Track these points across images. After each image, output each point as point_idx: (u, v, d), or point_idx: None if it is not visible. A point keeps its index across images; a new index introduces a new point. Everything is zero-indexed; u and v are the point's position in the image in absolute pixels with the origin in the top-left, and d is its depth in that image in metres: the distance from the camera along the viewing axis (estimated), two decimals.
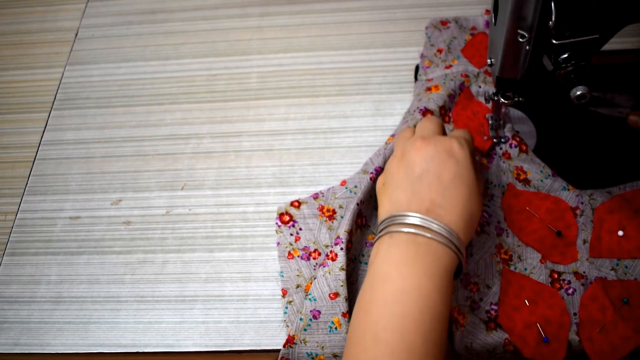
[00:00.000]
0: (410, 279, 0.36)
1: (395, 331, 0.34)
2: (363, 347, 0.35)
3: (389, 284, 0.36)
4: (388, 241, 0.38)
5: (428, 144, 0.41)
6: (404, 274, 0.36)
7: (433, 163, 0.40)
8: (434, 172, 0.40)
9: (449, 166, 0.40)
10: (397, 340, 0.34)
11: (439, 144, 0.41)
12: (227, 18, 0.66)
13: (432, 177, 0.40)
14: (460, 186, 0.40)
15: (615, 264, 0.45)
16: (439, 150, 0.41)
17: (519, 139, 0.52)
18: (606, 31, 0.40)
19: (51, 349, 0.47)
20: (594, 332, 0.42)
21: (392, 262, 0.37)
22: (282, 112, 0.58)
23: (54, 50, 0.66)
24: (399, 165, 0.42)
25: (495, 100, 0.48)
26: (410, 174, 0.41)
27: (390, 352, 0.34)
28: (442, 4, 0.64)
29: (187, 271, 0.50)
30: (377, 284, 0.37)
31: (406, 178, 0.41)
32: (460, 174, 0.40)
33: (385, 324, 0.35)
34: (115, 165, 0.56)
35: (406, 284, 0.36)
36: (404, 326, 0.34)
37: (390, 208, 0.40)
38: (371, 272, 0.38)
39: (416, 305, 0.35)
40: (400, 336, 0.34)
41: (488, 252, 0.47)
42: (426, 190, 0.39)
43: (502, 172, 0.51)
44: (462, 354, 0.43)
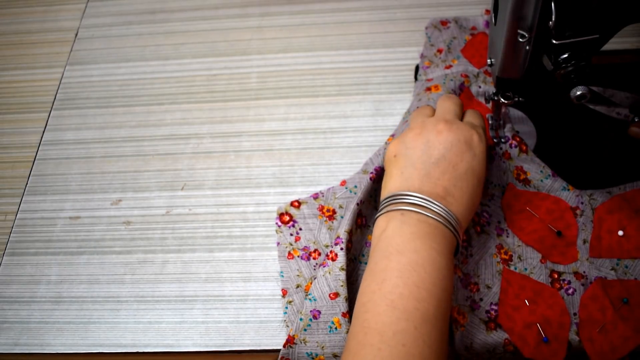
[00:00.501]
0: (425, 252, 0.38)
1: (412, 299, 0.36)
2: (378, 313, 0.36)
3: (403, 256, 0.38)
4: (400, 218, 0.40)
5: (450, 129, 0.42)
6: (418, 248, 0.38)
7: (451, 151, 0.41)
8: (450, 160, 0.41)
9: (466, 158, 0.41)
10: (413, 307, 0.36)
11: (460, 133, 0.42)
12: (227, 18, 0.66)
13: (447, 165, 0.41)
14: (472, 179, 0.41)
15: (615, 263, 0.45)
16: (459, 139, 0.42)
17: (519, 139, 0.52)
18: (606, 31, 0.40)
19: (51, 349, 0.47)
20: (594, 332, 0.42)
21: (405, 236, 0.39)
22: (282, 112, 0.58)
23: (54, 50, 0.66)
24: (415, 141, 0.42)
25: (495, 100, 0.48)
26: (427, 155, 0.42)
27: (406, 318, 0.35)
28: (442, 4, 0.64)
29: (187, 271, 0.50)
30: (391, 255, 0.38)
31: (422, 158, 0.42)
32: (474, 167, 0.42)
33: (401, 291, 0.36)
34: (115, 165, 0.56)
35: (420, 257, 0.38)
36: (419, 294, 0.36)
37: (401, 184, 0.41)
38: (381, 245, 0.39)
39: (430, 277, 0.37)
40: (416, 303, 0.36)
41: (488, 252, 0.47)
42: (440, 177, 0.41)
43: (502, 172, 0.51)
44: (462, 354, 0.43)
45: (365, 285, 0.38)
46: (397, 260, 0.38)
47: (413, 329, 0.35)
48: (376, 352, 0.34)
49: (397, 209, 0.40)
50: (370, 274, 0.39)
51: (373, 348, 0.35)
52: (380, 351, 0.34)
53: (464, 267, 0.46)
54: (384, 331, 0.35)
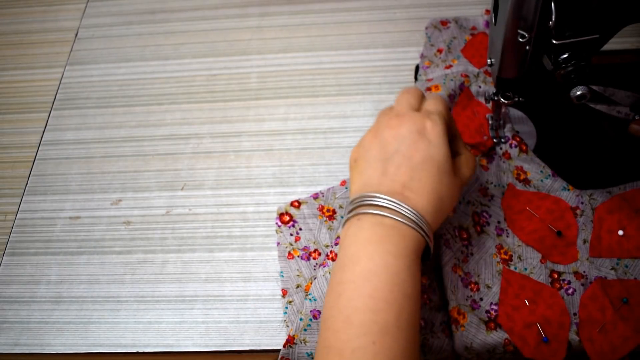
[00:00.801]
0: (378, 258, 0.36)
1: (368, 311, 0.34)
2: (336, 330, 0.34)
3: (357, 264, 0.36)
4: (356, 223, 0.38)
5: (401, 122, 0.40)
6: (372, 254, 0.36)
7: (404, 143, 0.39)
8: (404, 153, 0.39)
9: (420, 147, 0.39)
10: (370, 320, 0.34)
11: (412, 123, 0.40)
12: (227, 18, 0.66)
13: (402, 159, 0.39)
14: (431, 169, 0.38)
15: (615, 263, 0.45)
16: (411, 130, 0.39)
17: (519, 139, 0.52)
18: (606, 31, 0.40)
19: (51, 349, 0.47)
20: (594, 332, 0.42)
21: (359, 243, 0.37)
22: (282, 112, 0.58)
23: (54, 50, 0.66)
24: (371, 142, 0.41)
25: (495, 100, 0.48)
26: (382, 152, 0.40)
27: (364, 333, 0.33)
28: (442, 4, 0.64)
29: (187, 271, 0.50)
30: (346, 265, 0.36)
31: (378, 156, 0.40)
32: (431, 156, 0.39)
33: (356, 304, 0.34)
34: (115, 165, 0.56)
35: (374, 263, 0.35)
36: (375, 305, 0.34)
37: (360, 187, 0.40)
38: (340, 254, 0.38)
39: (385, 285, 0.35)
40: (373, 316, 0.34)
41: (488, 252, 0.47)
42: (396, 172, 0.39)
43: (502, 172, 0.51)
44: (462, 354, 0.43)
45: (326, 300, 0.37)
46: (351, 271, 0.36)
47: (371, 344, 0.33)
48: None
49: (355, 214, 0.38)
50: (330, 287, 0.37)
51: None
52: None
53: (465, 266, 0.46)
54: (342, 349, 0.33)
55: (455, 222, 0.48)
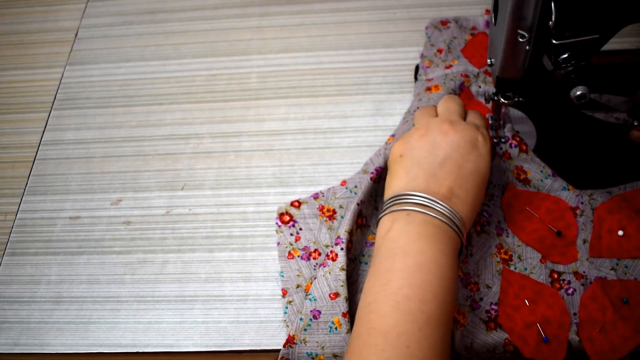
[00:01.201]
0: (430, 253, 0.38)
1: (416, 300, 0.36)
2: (382, 314, 0.36)
3: (408, 257, 0.38)
4: (406, 218, 0.40)
5: (455, 130, 0.42)
6: (423, 249, 0.38)
7: (457, 152, 0.41)
8: (456, 160, 0.41)
9: (472, 158, 0.42)
10: (417, 308, 0.35)
11: (466, 133, 0.42)
12: (227, 18, 0.66)
13: (454, 166, 0.41)
14: (477, 179, 0.41)
15: (615, 263, 0.45)
16: (465, 140, 0.42)
17: (519, 139, 0.52)
18: (606, 31, 0.40)
19: (51, 349, 0.47)
20: (594, 332, 0.42)
21: (410, 238, 0.38)
22: (282, 112, 0.58)
23: (54, 50, 0.66)
24: (421, 141, 0.43)
25: (495, 100, 0.48)
26: (433, 155, 0.42)
27: (411, 319, 0.35)
28: (442, 4, 0.64)
29: (187, 271, 0.50)
30: (397, 255, 0.38)
31: (428, 158, 0.42)
32: (479, 168, 0.42)
33: (406, 292, 0.36)
34: (115, 165, 0.56)
35: (425, 258, 0.37)
36: (424, 296, 0.36)
37: (407, 184, 0.41)
38: (386, 245, 0.39)
39: (434, 279, 0.37)
40: (421, 305, 0.36)
41: (488, 252, 0.47)
42: (446, 177, 0.41)
43: (502, 172, 0.51)
44: (462, 354, 0.43)
45: (370, 285, 0.38)
46: (402, 261, 0.38)
47: (417, 330, 0.35)
48: (380, 353, 0.34)
49: (403, 209, 0.40)
50: (375, 274, 0.38)
51: (377, 349, 0.34)
52: (384, 352, 0.34)
53: (464, 266, 0.46)
54: (388, 332, 0.35)
55: None
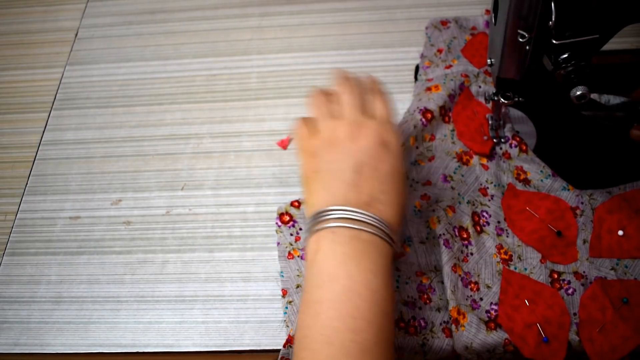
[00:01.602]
0: (359, 276, 0.35)
1: (348, 332, 0.33)
2: (314, 350, 0.34)
3: (336, 282, 0.35)
4: (331, 237, 0.37)
5: (361, 134, 0.39)
6: (351, 272, 0.35)
7: (369, 155, 0.39)
8: (370, 165, 0.39)
9: (385, 159, 0.39)
10: (350, 340, 0.33)
11: (374, 135, 0.39)
12: (227, 18, 0.66)
13: (370, 171, 0.39)
14: (396, 178, 0.39)
15: (615, 263, 0.45)
16: (375, 142, 0.39)
17: (519, 139, 0.52)
18: (606, 31, 0.40)
19: (51, 349, 0.47)
20: (594, 332, 0.42)
21: (337, 260, 0.36)
22: (282, 112, 0.58)
23: (54, 50, 0.66)
24: (332, 153, 0.40)
25: (495, 100, 0.48)
26: (346, 164, 0.39)
27: (344, 353, 0.33)
28: (442, 4, 0.64)
29: (187, 271, 0.50)
30: (324, 283, 0.35)
31: (343, 168, 0.39)
32: (395, 167, 0.39)
33: (337, 325, 0.34)
34: (115, 165, 0.56)
35: (354, 282, 0.35)
36: (355, 325, 0.34)
37: (326, 199, 0.38)
38: (315, 270, 0.37)
39: (366, 304, 0.34)
40: (353, 336, 0.33)
41: (488, 252, 0.47)
42: (365, 185, 0.38)
43: (502, 172, 0.51)
44: (462, 354, 0.43)
45: (302, 318, 0.36)
46: (331, 289, 0.35)
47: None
48: None
49: (327, 227, 0.37)
50: (305, 306, 0.36)
51: None
52: None
53: (465, 265, 0.46)
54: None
55: (455, 221, 0.48)
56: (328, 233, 0.37)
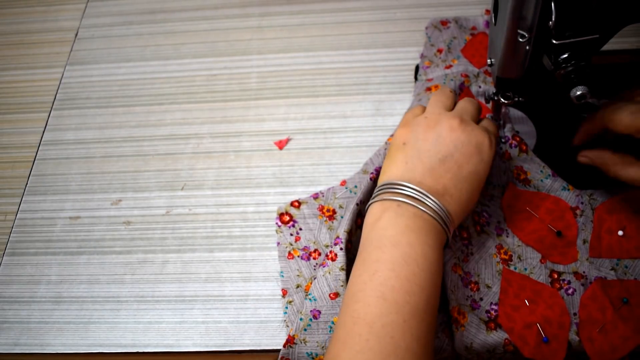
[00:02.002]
0: (419, 247, 0.38)
1: (403, 292, 0.36)
2: (368, 304, 0.36)
3: (397, 249, 0.38)
4: (396, 210, 0.40)
5: (464, 130, 0.42)
6: (412, 241, 0.38)
7: (460, 151, 0.41)
8: (457, 160, 0.41)
9: (473, 161, 0.41)
10: (404, 300, 0.36)
11: (473, 135, 0.42)
12: (227, 18, 0.66)
13: (453, 165, 0.41)
14: (474, 183, 0.42)
15: (615, 264, 0.45)
16: (471, 142, 0.42)
17: (519, 139, 0.52)
18: (606, 31, 0.40)
19: (51, 349, 0.47)
20: (594, 332, 0.42)
21: (399, 229, 0.39)
22: (282, 112, 0.58)
23: (54, 50, 0.66)
24: (427, 133, 0.42)
25: (495, 100, 0.48)
26: (435, 150, 0.41)
27: (397, 310, 0.36)
28: (442, 4, 0.64)
29: (187, 271, 0.50)
30: (385, 246, 0.38)
31: (430, 152, 0.41)
32: (478, 172, 0.42)
33: (393, 284, 0.36)
34: (115, 165, 0.56)
35: (414, 251, 0.38)
36: (410, 288, 0.36)
37: (403, 174, 0.41)
38: (375, 234, 0.39)
39: (421, 272, 0.37)
40: (407, 297, 0.36)
41: (488, 252, 0.47)
42: (443, 174, 0.41)
43: (502, 172, 0.51)
44: (462, 354, 0.43)
45: (357, 275, 0.38)
46: (391, 253, 0.38)
47: (402, 322, 0.35)
48: (364, 343, 0.35)
49: (394, 199, 0.40)
50: (363, 264, 0.39)
51: (361, 338, 0.35)
52: (368, 342, 0.35)
53: (465, 265, 0.46)
54: (373, 322, 0.35)
55: None
56: (394, 205, 0.40)
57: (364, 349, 0.34)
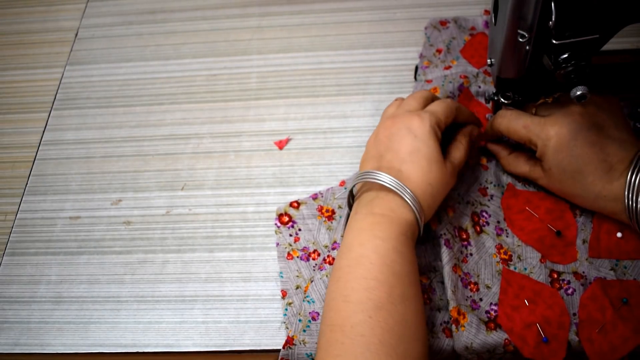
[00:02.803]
0: (368, 243, 0.40)
1: (362, 290, 0.38)
2: (337, 309, 0.38)
3: (351, 251, 0.41)
4: (353, 217, 0.43)
5: (393, 122, 0.45)
6: (363, 240, 0.40)
7: (393, 140, 0.44)
8: (394, 148, 0.44)
9: (407, 141, 0.43)
10: (365, 298, 0.38)
11: (401, 121, 0.45)
12: (227, 18, 0.66)
13: (392, 154, 0.44)
14: (417, 159, 0.43)
15: (615, 264, 0.45)
16: (400, 127, 0.44)
17: None
18: (606, 31, 0.40)
19: (51, 349, 0.47)
20: (593, 332, 0.42)
21: (353, 233, 0.42)
22: (282, 112, 0.58)
23: (54, 50, 0.66)
24: (371, 144, 0.46)
25: (495, 100, 0.48)
26: (376, 151, 0.45)
27: (361, 309, 0.37)
28: (442, 4, 0.64)
29: (187, 271, 0.50)
30: (342, 253, 0.41)
31: (374, 155, 0.45)
32: (418, 148, 0.43)
33: (352, 285, 0.38)
34: (115, 165, 0.56)
35: (365, 249, 0.40)
36: (368, 284, 0.38)
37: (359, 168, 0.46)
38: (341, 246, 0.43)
39: (375, 266, 0.39)
40: (367, 294, 0.38)
41: (488, 252, 0.47)
42: (388, 166, 0.43)
43: (502, 172, 0.51)
44: (462, 354, 0.43)
45: (329, 286, 0.41)
46: (346, 257, 0.40)
47: (368, 318, 0.37)
48: (340, 347, 0.36)
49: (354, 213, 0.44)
50: (331, 275, 0.41)
51: (338, 343, 0.37)
52: (344, 345, 0.36)
53: (464, 266, 0.46)
54: (344, 325, 0.37)
55: (455, 222, 0.48)
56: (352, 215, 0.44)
57: (341, 353, 0.36)
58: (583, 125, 0.43)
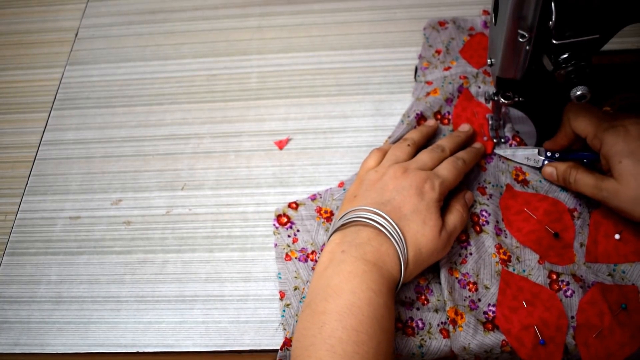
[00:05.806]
0: (362, 293, 0.38)
1: (351, 343, 0.36)
2: (319, 358, 0.36)
3: (340, 297, 0.38)
4: (340, 256, 0.41)
5: (405, 176, 0.44)
6: (355, 288, 0.38)
7: (401, 194, 0.43)
8: (398, 201, 0.43)
9: (412, 201, 0.43)
10: (352, 351, 0.36)
11: (414, 179, 0.44)
12: (227, 18, 0.66)
13: (393, 207, 0.43)
14: (415, 219, 0.42)
15: (612, 269, 0.45)
16: (412, 185, 0.44)
17: (519, 139, 0.52)
18: (606, 31, 0.40)
19: (51, 349, 0.47)
20: (590, 337, 0.42)
21: (343, 277, 0.39)
22: (282, 112, 0.58)
23: (54, 50, 0.66)
24: (374, 185, 0.45)
25: (495, 100, 0.48)
26: (379, 197, 0.44)
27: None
28: (442, 4, 0.64)
29: (187, 271, 0.50)
30: (330, 296, 0.38)
31: (375, 199, 0.44)
32: (419, 210, 0.43)
33: (340, 335, 0.36)
34: (115, 165, 0.56)
35: (357, 298, 0.38)
36: (358, 338, 0.36)
37: None
38: (321, 283, 0.40)
39: (367, 320, 0.37)
40: (356, 347, 0.36)
41: (487, 252, 0.47)
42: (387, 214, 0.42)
43: (501, 173, 0.51)
44: (459, 354, 0.43)
45: (307, 327, 0.38)
46: (336, 303, 0.38)
47: None
48: None
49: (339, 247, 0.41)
50: (311, 316, 0.39)
51: None
52: None
53: (463, 267, 0.46)
54: None
55: None
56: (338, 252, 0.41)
57: None
58: None
